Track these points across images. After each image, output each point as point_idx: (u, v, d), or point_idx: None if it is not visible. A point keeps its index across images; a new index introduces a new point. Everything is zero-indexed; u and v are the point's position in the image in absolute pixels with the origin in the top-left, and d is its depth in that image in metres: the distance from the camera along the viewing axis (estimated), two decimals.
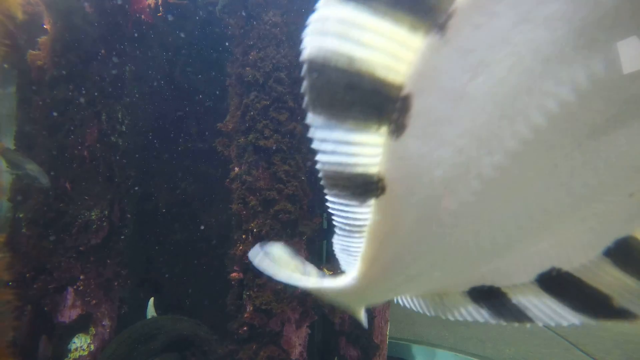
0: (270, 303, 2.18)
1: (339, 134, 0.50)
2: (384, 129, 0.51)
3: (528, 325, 0.71)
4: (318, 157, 0.53)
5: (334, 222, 0.65)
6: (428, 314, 0.81)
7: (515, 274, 0.69)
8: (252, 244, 2.26)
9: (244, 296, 2.26)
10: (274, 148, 2.25)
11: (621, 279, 0.63)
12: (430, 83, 0.49)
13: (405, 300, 0.86)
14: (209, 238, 3.11)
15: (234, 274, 2.30)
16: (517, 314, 0.71)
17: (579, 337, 3.87)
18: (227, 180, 2.40)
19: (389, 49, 0.46)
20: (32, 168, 2.21)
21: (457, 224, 0.61)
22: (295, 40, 2.34)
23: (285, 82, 2.27)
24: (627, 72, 0.44)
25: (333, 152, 0.52)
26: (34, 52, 2.44)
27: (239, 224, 2.34)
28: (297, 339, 2.31)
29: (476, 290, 0.73)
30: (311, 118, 0.49)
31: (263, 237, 2.25)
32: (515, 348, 3.71)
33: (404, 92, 0.49)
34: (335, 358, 2.64)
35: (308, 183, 2.38)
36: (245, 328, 2.22)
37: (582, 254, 0.64)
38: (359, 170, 0.54)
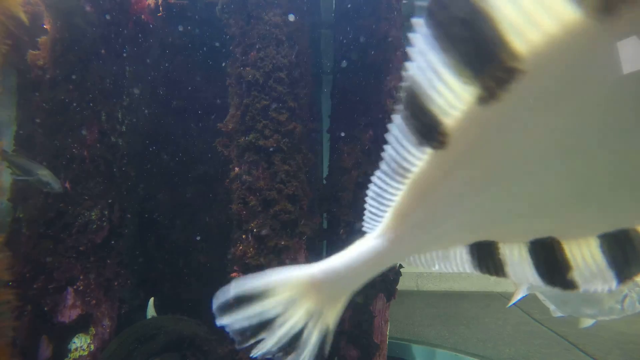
0: None
1: (433, 58, 0.46)
2: (473, 89, 0.46)
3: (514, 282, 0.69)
4: (408, 65, 0.49)
5: (383, 155, 0.60)
6: (431, 268, 0.78)
7: (517, 236, 0.68)
8: (252, 244, 2.26)
9: None
10: (273, 148, 2.25)
11: (596, 259, 0.62)
12: (557, 68, 0.41)
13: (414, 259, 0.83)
14: (209, 238, 3.11)
15: (234, 274, 2.30)
16: (497, 268, 0.70)
17: (579, 337, 3.87)
18: (227, 180, 2.40)
19: (530, 10, 0.40)
20: (44, 174, 2.16)
21: (501, 198, 0.59)
22: (295, 40, 2.35)
23: (285, 82, 2.26)
24: None
25: (421, 70, 0.48)
26: (34, 52, 2.44)
27: (239, 224, 2.34)
28: None
29: (476, 244, 0.71)
30: (419, 23, 0.45)
31: (263, 237, 2.24)
32: (515, 348, 3.71)
33: (518, 65, 0.42)
34: (335, 358, 2.63)
35: (308, 183, 2.38)
36: None
37: (583, 233, 0.63)
38: (432, 108, 0.50)
